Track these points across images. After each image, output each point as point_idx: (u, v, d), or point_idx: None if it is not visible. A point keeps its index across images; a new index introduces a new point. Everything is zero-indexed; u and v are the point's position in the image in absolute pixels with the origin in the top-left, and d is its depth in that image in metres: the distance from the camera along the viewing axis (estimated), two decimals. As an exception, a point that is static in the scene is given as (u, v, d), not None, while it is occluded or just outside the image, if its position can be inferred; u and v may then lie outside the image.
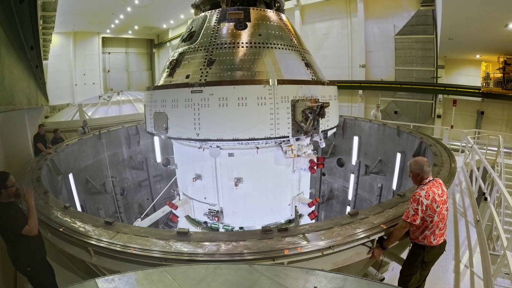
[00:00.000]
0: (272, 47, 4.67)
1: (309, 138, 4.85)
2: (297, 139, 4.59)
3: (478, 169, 6.63)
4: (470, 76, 15.23)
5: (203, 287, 1.78)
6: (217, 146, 4.51)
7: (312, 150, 5.01)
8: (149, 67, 34.55)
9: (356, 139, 9.45)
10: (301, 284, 1.78)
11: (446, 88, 15.11)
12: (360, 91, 18.26)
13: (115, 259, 3.06)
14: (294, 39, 5.09)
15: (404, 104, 16.71)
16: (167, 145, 9.54)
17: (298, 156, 4.64)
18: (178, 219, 5.33)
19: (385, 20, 16.74)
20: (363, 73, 17.85)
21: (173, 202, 5.33)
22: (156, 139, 9.72)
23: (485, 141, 10.62)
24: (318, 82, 4.75)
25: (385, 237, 3.21)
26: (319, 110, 4.22)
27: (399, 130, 8.06)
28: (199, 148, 4.66)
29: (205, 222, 5.22)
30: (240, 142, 4.24)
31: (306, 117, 4.21)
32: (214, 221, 4.95)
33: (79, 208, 6.88)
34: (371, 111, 13.19)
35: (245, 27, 4.74)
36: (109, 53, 30.91)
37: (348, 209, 9.76)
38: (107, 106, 17.87)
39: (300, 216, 5.18)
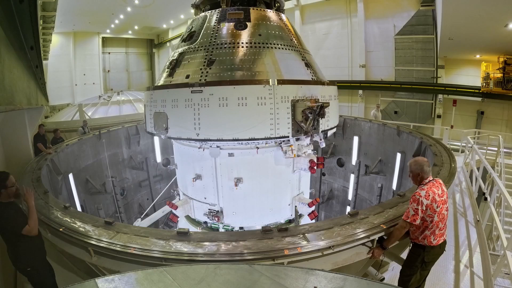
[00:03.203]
0: (272, 47, 4.67)
1: (309, 138, 4.85)
2: (297, 139, 4.59)
3: (478, 169, 6.63)
4: (470, 76, 15.23)
5: (203, 287, 1.78)
6: (217, 146, 4.51)
7: (312, 150, 5.01)
8: (149, 67, 34.56)
9: (356, 139, 9.45)
10: (301, 284, 1.78)
11: (446, 88, 15.11)
12: (360, 91, 18.26)
13: (115, 259, 3.06)
14: (294, 39, 5.09)
15: (404, 104, 16.71)
16: (167, 145, 9.54)
17: (298, 156, 4.64)
18: (178, 219, 5.32)
19: (385, 20, 16.74)
20: (363, 73, 17.85)
21: (173, 202, 5.33)
22: (156, 139, 9.72)
23: (485, 141, 10.63)
24: (318, 82, 4.75)
25: (385, 237, 3.20)
26: (319, 110, 4.22)
27: (399, 130, 8.06)
28: (199, 148, 4.66)
29: (205, 222, 5.22)
30: (240, 142, 4.24)
31: (306, 117, 4.21)
32: (214, 221, 4.95)
33: (79, 208, 6.88)
34: (371, 111, 13.19)
35: (245, 27, 4.74)
36: (109, 53, 30.92)
37: (348, 209, 9.76)
38: (107, 106, 17.87)
39: (300, 216, 5.18)
